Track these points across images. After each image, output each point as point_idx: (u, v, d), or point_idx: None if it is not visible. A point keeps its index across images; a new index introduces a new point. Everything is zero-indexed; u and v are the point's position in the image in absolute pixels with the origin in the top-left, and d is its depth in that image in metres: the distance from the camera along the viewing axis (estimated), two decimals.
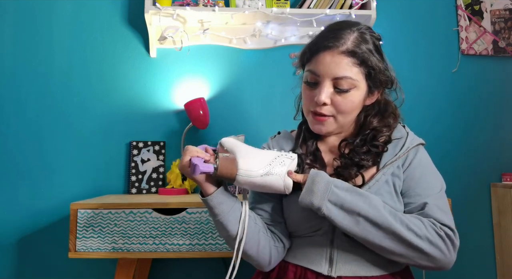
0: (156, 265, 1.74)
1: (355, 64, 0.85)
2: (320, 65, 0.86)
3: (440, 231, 0.80)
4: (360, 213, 0.78)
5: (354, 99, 0.87)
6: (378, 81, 0.89)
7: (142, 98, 1.83)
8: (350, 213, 0.79)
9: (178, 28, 1.77)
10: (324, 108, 0.87)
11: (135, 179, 1.75)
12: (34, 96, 1.79)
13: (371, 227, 0.78)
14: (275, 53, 1.89)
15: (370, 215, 0.78)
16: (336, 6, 1.75)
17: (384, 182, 0.87)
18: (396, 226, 0.78)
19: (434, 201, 0.85)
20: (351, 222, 0.79)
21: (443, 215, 0.83)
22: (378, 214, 0.79)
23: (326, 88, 0.86)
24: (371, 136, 0.91)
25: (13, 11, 1.82)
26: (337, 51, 0.85)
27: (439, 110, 1.92)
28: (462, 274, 1.84)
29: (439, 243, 0.79)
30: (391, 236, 0.78)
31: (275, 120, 1.85)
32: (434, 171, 0.91)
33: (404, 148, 0.89)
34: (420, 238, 0.78)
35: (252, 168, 0.81)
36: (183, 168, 0.84)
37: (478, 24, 1.98)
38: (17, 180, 1.75)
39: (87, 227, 1.29)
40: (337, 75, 0.85)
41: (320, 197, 0.79)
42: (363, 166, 0.88)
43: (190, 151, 0.84)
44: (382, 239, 0.79)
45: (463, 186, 1.89)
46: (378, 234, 0.78)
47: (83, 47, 1.83)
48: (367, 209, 0.79)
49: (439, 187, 0.89)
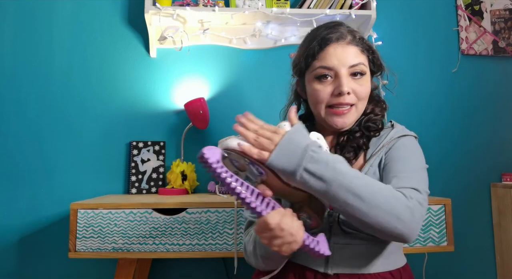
0: (156, 265, 1.74)
1: (362, 51, 0.91)
2: (333, 57, 0.89)
3: (408, 198, 0.74)
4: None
5: (368, 85, 0.92)
6: (377, 67, 0.95)
7: (142, 98, 1.83)
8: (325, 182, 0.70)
9: (178, 28, 1.77)
10: (347, 97, 0.89)
11: (135, 179, 1.75)
12: (34, 96, 1.79)
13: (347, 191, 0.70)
14: (275, 53, 1.89)
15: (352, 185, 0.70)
16: (336, 6, 1.75)
17: (372, 173, 0.88)
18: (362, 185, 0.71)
19: (403, 174, 0.82)
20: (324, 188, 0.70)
21: (410, 182, 0.79)
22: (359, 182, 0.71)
23: (346, 77, 0.89)
24: (365, 120, 0.94)
25: (13, 11, 1.82)
26: (344, 42, 0.90)
27: (439, 110, 1.92)
28: (462, 274, 1.84)
29: (406, 202, 0.73)
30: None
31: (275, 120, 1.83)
32: (414, 154, 0.89)
33: (388, 138, 0.91)
34: (395, 199, 0.72)
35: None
36: (291, 251, 0.68)
37: (478, 24, 1.98)
38: (17, 180, 1.75)
39: (87, 227, 1.29)
40: (352, 62, 0.89)
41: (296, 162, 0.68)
42: (360, 147, 0.91)
43: (292, 233, 0.65)
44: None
45: (463, 186, 1.89)
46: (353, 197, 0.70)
47: (83, 47, 1.83)
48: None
49: (417, 165, 0.86)
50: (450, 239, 1.34)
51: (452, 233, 1.35)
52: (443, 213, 1.34)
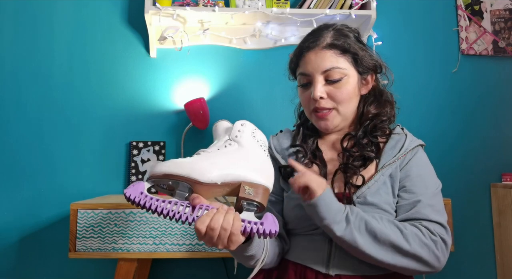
0: (156, 265, 1.74)
1: (339, 54, 0.90)
2: (307, 64, 0.91)
3: (434, 236, 0.81)
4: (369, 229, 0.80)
5: (349, 87, 0.90)
6: (366, 66, 0.93)
7: (142, 98, 1.83)
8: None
9: (178, 28, 1.77)
10: (322, 102, 0.90)
11: (135, 179, 1.75)
12: (34, 96, 1.80)
13: (372, 241, 0.79)
14: (275, 53, 1.89)
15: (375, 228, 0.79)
16: (336, 6, 1.75)
17: (383, 183, 0.87)
18: (395, 238, 0.79)
19: (427, 200, 0.85)
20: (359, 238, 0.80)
21: (436, 213, 0.84)
22: (379, 226, 0.80)
23: (319, 83, 0.89)
24: (372, 127, 0.93)
25: (13, 11, 1.82)
26: (319, 48, 0.90)
27: (439, 110, 1.92)
28: (462, 274, 1.84)
29: (434, 249, 0.80)
30: (391, 249, 0.79)
31: (275, 120, 1.85)
32: (430, 171, 0.92)
33: (403, 149, 0.90)
34: (420, 246, 0.79)
35: (255, 173, 0.73)
36: (235, 244, 0.68)
37: (478, 24, 1.98)
38: (17, 179, 1.75)
39: (87, 227, 1.29)
40: (325, 67, 0.89)
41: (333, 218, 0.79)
42: (368, 157, 0.89)
43: (227, 227, 0.65)
44: (381, 253, 0.79)
45: (463, 186, 1.89)
46: (377, 247, 0.79)
47: (83, 47, 1.83)
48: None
49: (434, 186, 0.89)
50: None
51: (452, 233, 1.35)
52: None
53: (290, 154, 0.97)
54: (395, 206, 0.87)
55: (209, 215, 0.66)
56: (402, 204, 0.86)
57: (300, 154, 0.95)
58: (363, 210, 0.84)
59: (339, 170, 0.90)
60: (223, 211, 0.67)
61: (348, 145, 0.93)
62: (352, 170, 0.87)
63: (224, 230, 0.65)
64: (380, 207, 0.85)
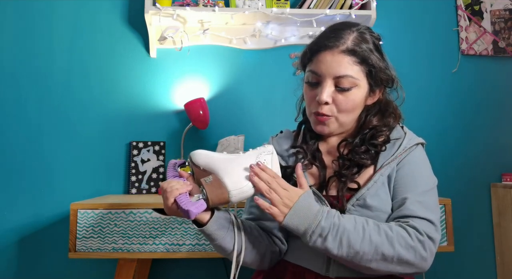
0: (156, 265, 1.74)
1: (356, 62, 0.86)
2: (321, 64, 0.86)
3: (420, 236, 0.78)
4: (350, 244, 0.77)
5: (356, 98, 0.87)
6: (379, 80, 0.89)
7: (142, 98, 1.83)
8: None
9: (178, 28, 1.77)
10: (325, 108, 0.87)
11: (135, 179, 1.75)
12: (34, 96, 1.79)
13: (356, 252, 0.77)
14: (275, 53, 1.89)
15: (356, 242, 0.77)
16: (336, 6, 1.75)
17: (382, 183, 0.86)
18: (379, 246, 0.76)
19: (416, 197, 0.83)
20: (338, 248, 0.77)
21: (424, 210, 0.81)
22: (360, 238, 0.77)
23: (328, 87, 0.86)
24: (370, 136, 0.90)
25: (13, 11, 1.82)
26: (338, 50, 0.85)
27: (439, 111, 1.92)
28: (462, 274, 1.84)
29: (421, 251, 0.77)
30: (380, 257, 0.77)
31: (275, 120, 1.85)
32: (425, 168, 0.90)
33: (401, 148, 0.89)
34: (406, 249, 0.77)
35: (240, 182, 0.76)
36: (171, 211, 0.79)
37: (478, 24, 1.98)
38: (17, 180, 1.75)
39: (87, 227, 1.29)
40: (338, 74, 0.85)
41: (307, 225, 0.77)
42: (363, 165, 0.88)
43: (170, 191, 0.78)
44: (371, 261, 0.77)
45: (463, 186, 1.89)
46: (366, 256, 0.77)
47: (83, 47, 1.83)
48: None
49: (426, 183, 0.87)
50: (450, 239, 1.34)
51: (452, 233, 1.35)
52: (443, 213, 1.34)
53: (290, 155, 0.97)
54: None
55: (173, 181, 0.81)
56: (393, 202, 0.86)
57: (300, 155, 0.94)
58: (362, 213, 0.83)
59: (334, 176, 0.89)
60: (179, 181, 0.80)
61: (344, 151, 0.92)
62: (346, 177, 0.87)
63: (165, 191, 0.79)
64: (379, 210, 0.84)
